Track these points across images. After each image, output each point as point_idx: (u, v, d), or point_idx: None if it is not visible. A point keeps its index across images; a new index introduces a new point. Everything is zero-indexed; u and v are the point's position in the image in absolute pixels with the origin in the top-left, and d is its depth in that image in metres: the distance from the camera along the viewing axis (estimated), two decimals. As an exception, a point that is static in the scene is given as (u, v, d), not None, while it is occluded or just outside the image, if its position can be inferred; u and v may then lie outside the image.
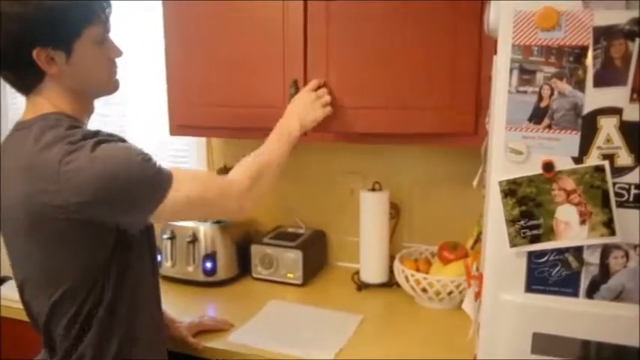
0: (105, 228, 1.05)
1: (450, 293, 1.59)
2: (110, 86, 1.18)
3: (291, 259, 1.79)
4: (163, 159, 2.24)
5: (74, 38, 1.06)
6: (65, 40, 1.05)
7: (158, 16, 1.71)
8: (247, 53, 1.62)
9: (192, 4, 1.65)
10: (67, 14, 1.04)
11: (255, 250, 1.84)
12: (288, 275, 1.81)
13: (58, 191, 0.99)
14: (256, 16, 1.58)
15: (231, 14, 1.61)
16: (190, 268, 1.80)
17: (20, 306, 1.21)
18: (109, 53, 1.15)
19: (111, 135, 1.07)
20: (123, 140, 1.08)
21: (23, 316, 1.22)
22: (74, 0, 1.05)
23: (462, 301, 1.23)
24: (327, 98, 1.47)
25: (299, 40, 1.54)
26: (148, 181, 1.04)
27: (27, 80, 1.08)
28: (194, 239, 1.79)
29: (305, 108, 1.42)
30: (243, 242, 1.89)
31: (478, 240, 1.53)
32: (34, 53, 1.02)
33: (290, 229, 1.98)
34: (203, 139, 2.12)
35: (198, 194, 1.12)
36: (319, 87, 1.49)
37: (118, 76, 1.20)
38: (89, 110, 1.18)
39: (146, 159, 1.05)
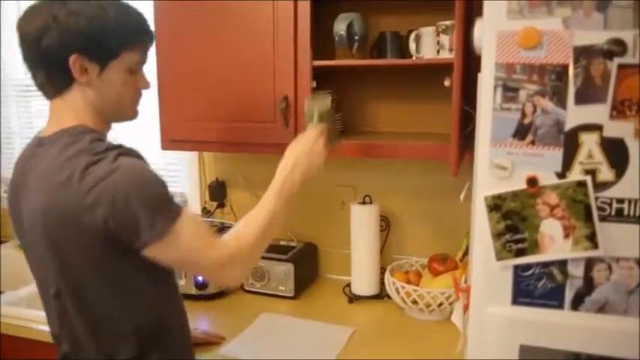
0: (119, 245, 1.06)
1: (440, 305, 1.61)
2: (130, 113, 1.21)
3: (283, 271, 1.80)
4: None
5: (111, 57, 1.10)
6: (103, 56, 1.10)
7: (149, 14, 1.72)
8: (238, 68, 1.64)
9: (183, 5, 1.67)
10: (114, 34, 1.09)
11: (247, 263, 1.84)
12: (280, 288, 1.81)
13: (78, 199, 1.01)
14: (248, 30, 1.61)
15: (222, 12, 1.63)
16: (182, 282, 1.80)
17: (20, 322, 1.21)
18: (138, 83, 1.18)
19: (131, 150, 1.09)
20: (140, 157, 1.11)
21: (23, 333, 1.22)
22: (126, 22, 1.10)
23: (452, 313, 1.24)
24: (325, 142, 1.37)
25: (289, 55, 1.57)
26: (157, 206, 1.04)
27: (56, 82, 1.11)
28: (186, 253, 1.79)
29: (310, 159, 1.32)
30: (235, 255, 1.89)
31: (467, 252, 1.55)
32: (72, 59, 1.06)
33: (281, 242, 1.99)
34: (195, 153, 2.14)
35: (192, 249, 1.09)
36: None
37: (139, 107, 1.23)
38: (108, 128, 1.20)
39: (160, 186, 1.06)
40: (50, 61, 1.08)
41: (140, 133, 2.19)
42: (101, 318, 1.11)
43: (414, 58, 1.58)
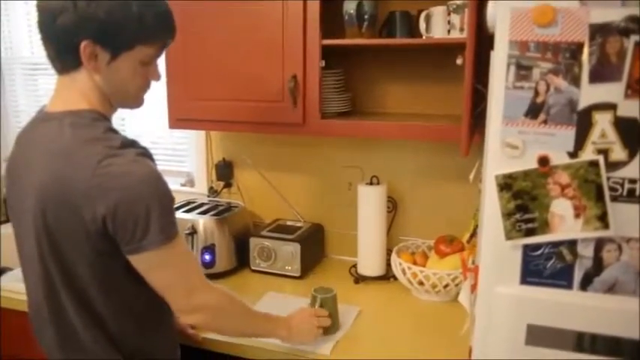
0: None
1: (446, 286, 1.61)
2: (135, 102, 1.20)
3: (290, 251, 1.81)
4: (163, 152, 2.27)
5: (124, 48, 1.08)
6: (117, 46, 1.08)
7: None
8: (247, 47, 1.63)
9: (193, 3, 1.65)
10: (132, 28, 1.07)
11: (254, 242, 1.85)
12: (287, 268, 1.82)
13: (87, 188, 1.01)
14: (256, 10, 1.59)
15: (231, 9, 1.62)
16: (189, 261, 1.81)
17: (20, 297, 1.21)
18: (149, 74, 1.17)
19: (145, 149, 1.09)
20: (153, 159, 1.10)
21: (23, 307, 1.23)
22: (149, 16, 1.08)
23: (458, 294, 1.25)
24: (326, 322, 1.42)
25: (298, 34, 1.55)
26: (161, 216, 1.04)
27: (65, 61, 1.10)
28: (193, 231, 1.80)
29: (303, 328, 1.36)
30: (241, 235, 1.90)
31: (474, 234, 1.55)
32: (83, 44, 1.05)
33: (288, 222, 1.99)
34: (202, 132, 2.13)
35: (173, 278, 1.11)
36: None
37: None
38: (113, 111, 1.19)
39: (171, 199, 1.08)
40: (61, 41, 1.07)
41: (147, 111, 2.20)
42: (92, 299, 1.11)
43: (424, 37, 1.56)
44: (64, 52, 1.08)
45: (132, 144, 1.07)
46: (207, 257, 1.81)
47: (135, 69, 1.12)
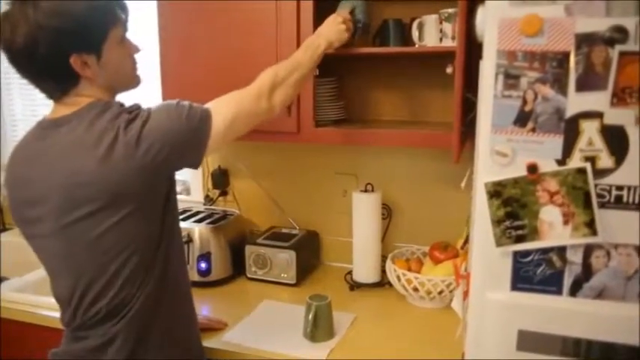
0: (160, 196, 1.16)
1: (440, 292, 1.62)
2: (134, 81, 1.27)
3: (285, 259, 1.81)
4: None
5: (102, 40, 1.14)
6: (96, 43, 1.13)
7: (153, 15, 1.74)
8: (242, 57, 1.64)
9: (187, 5, 1.67)
10: (96, 20, 1.12)
11: (250, 250, 1.86)
12: (282, 275, 1.83)
13: (127, 149, 1.08)
14: (250, 14, 1.61)
15: (226, 12, 1.64)
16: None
17: (20, 307, 1.22)
18: (129, 50, 1.23)
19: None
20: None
21: (23, 317, 1.24)
22: (99, 4, 1.12)
23: (452, 300, 1.25)
24: (350, 25, 1.53)
25: (292, 39, 1.57)
26: (193, 125, 1.15)
27: (65, 85, 1.15)
28: (189, 240, 1.81)
29: (330, 29, 1.47)
30: (237, 243, 1.91)
31: (468, 240, 1.56)
32: (72, 60, 1.10)
33: (284, 230, 2.00)
34: (198, 141, 2.14)
35: (236, 111, 1.23)
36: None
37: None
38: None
39: (186, 106, 1.17)
40: (52, 69, 1.11)
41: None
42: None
43: (416, 45, 1.58)
44: (60, 77, 1.13)
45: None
46: (203, 265, 1.81)
47: (119, 52, 1.18)
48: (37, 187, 1.14)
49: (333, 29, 1.47)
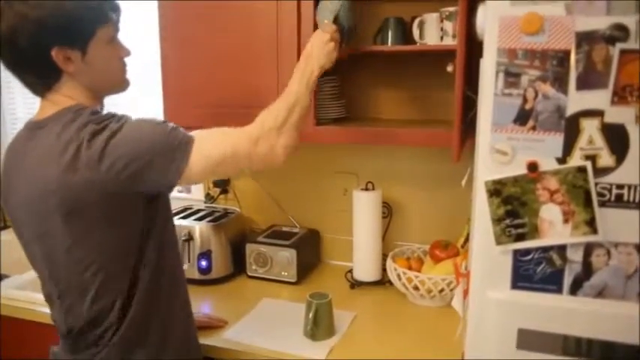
0: (135, 204, 1.11)
1: (441, 291, 1.62)
2: (122, 84, 1.24)
3: (286, 257, 1.81)
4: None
5: (89, 38, 1.12)
6: (81, 39, 1.11)
7: (154, 17, 1.73)
8: (243, 59, 1.64)
9: (187, 5, 1.67)
10: (83, 15, 1.10)
11: (250, 248, 1.86)
12: (283, 273, 1.83)
13: (89, 162, 1.04)
14: (250, 14, 1.61)
15: (226, 12, 1.64)
16: (185, 267, 1.82)
17: (20, 304, 1.22)
18: (119, 52, 1.21)
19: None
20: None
21: (23, 315, 1.24)
22: (89, 2, 1.11)
23: (452, 299, 1.25)
24: (337, 37, 1.39)
25: (292, 39, 1.57)
26: (170, 146, 1.09)
27: (46, 79, 1.13)
28: (189, 238, 1.81)
29: (320, 52, 1.34)
30: (237, 241, 1.91)
31: (468, 239, 1.56)
32: (53, 53, 1.08)
33: (284, 228, 2.00)
34: (198, 139, 2.14)
35: (226, 151, 1.15)
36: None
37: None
38: (102, 105, 1.23)
39: (171, 125, 1.13)
40: (33, 61, 1.10)
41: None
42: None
43: (417, 44, 1.58)
44: (41, 71, 1.11)
45: (118, 115, 1.12)
46: (203, 263, 1.82)
47: (106, 52, 1.16)
48: (18, 192, 1.14)
49: (323, 52, 1.34)
